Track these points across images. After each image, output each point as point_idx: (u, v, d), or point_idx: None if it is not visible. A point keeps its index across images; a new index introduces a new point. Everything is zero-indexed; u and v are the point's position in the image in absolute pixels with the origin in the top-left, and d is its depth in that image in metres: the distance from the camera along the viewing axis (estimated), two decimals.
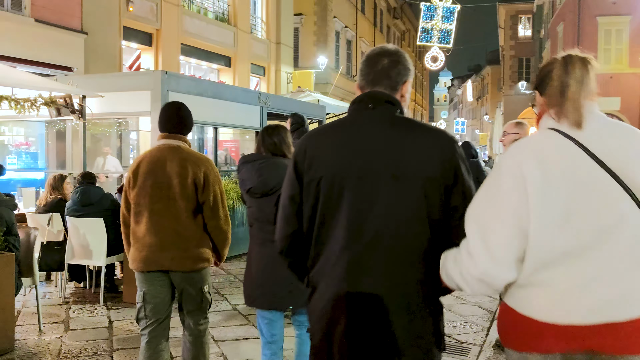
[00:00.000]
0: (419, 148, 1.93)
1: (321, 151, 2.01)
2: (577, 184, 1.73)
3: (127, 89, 8.34)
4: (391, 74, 2.08)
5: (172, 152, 3.42)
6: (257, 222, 3.45)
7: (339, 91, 31.78)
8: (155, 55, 17.56)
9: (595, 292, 1.72)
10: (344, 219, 1.92)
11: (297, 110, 12.48)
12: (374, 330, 1.88)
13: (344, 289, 1.90)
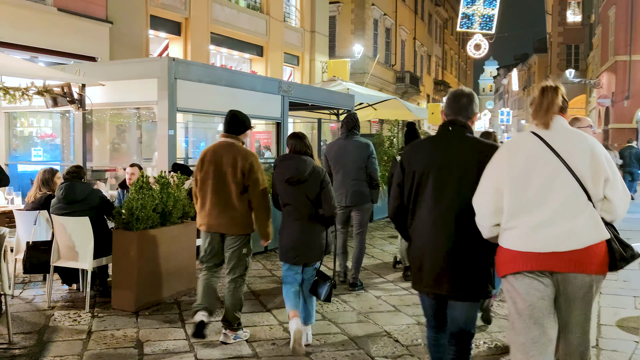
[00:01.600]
0: (475, 152, 3.09)
1: (418, 154, 3.24)
2: (534, 161, 2.78)
3: (133, 77, 7.86)
4: (467, 109, 3.25)
5: (228, 147, 4.72)
6: (292, 204, 4.58)
7: (377, 80, 30.93)
8: (184, 45, 17.17)
9: (545, 232, 2.70)
10: (429, 194, 3.11)
11: (323, 100, 11.87)
12: (446, 263, 3.05)
13: (429, 238, 3.10)
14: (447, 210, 3.05)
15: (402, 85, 35.16)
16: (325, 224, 4.63)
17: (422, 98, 42.07)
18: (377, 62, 31.70)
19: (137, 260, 5.37)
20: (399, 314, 5.55)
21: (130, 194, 5.46)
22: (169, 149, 7.59)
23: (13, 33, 11.44)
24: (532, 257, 2.71)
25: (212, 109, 8.55)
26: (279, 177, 4.58)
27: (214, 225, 4.70)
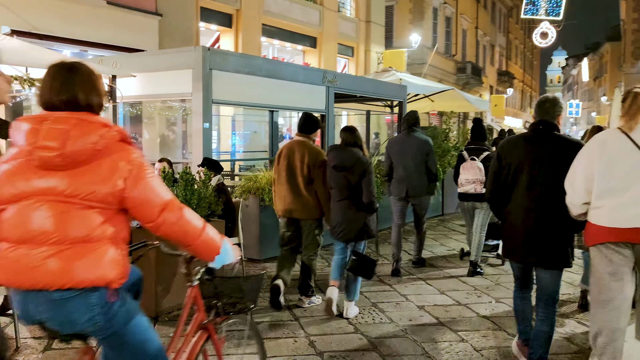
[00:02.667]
0: (561, 148, 3.75)
1: (513, 149, 3.91)
2: (620, 154, 3.35)
3: (168, 68, 7.57)
4: (551, 111, 3.90)
5: (300, 144, 5.47)
6: (336, 187, 5.26)
7: (436, 71, 29.94)
8: (235, 37, 16.94)
9: (627, 211, 3.29)
10: (523, 183, 3.80)
11: (372, 91, 11.28)
12: (535, 239, 3.78)
13: (521, 219, 3.81)
14: (537, 196, 3.77)
15: (463, 76, 33.97)
16: (365, 209, 5.21)
17: (485, 89, 40.59)
18: (437, 52, 30.68)
19: (157, 262, 5.03)
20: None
21: None
22: (204, 142, 7.26)
23: (64, 27, 11.47)
24: (617, 231, 3.31)
25: (251, 101, 8.16)
26: (329, 163, 5.31)
27: (287, 210, 5.51)
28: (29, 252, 2.04)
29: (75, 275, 2.03)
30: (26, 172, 2.07)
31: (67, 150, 2.03)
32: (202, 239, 2.30)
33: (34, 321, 2.16)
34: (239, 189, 7.31)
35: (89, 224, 2.06)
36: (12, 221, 2.08)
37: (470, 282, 6.53)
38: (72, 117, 2.10)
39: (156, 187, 2.18)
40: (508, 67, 50.78)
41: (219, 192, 6.26)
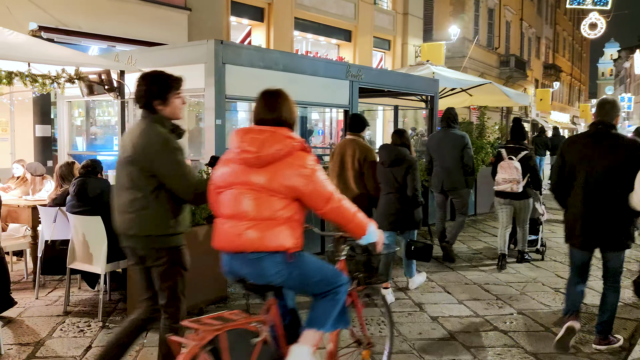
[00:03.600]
0: (617, 146, 4.19)
1: (574, 146, 4.41)
2: None
3: (181, 62, 7.31)
4: (610, 113, 4.31)
5: (351, 142, 5.90)
6: (383, 182, 5.75)
7: (478, 65, 29.09)
8: (267, 31, 16.70)
9: None
10: (582, 177, 4.26)
11: (400, 85, 10.82)
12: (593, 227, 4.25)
13: (581, 209, 4.28)
14: (595, 189, 4.20)
15: (507, 70, 32.92)
16: (409, 202, 5.75)
17: (530, 83, 39.30)
18: (479, 45, 29.80)
19: None
20: None
21: None
22: (216, 140, 6.99)
23: (92, 23, 11.46)
24: None
25: None
26: (379, 160, 5.90)
27: None
28: (235, 224, 2.78)
29: (265, 242, 2.73)
30: (237, 169, 2.83)
31: (262, 153, 2.76)
32: (355, 222, 2.96)
33: (238, 276, 2.91)
34: None
35: (273, 207, 2.76)
36: (225, 202, 2.85)
37: (493, 290, 6.09)
38: (267, 130, 2.82)
39: (324, 185, 2.82)
40: (555, 60, 49.05)
41: None
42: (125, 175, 3.19)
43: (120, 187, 3.25)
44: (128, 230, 3.24)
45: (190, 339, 2.50)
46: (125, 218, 3.22)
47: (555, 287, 6.23)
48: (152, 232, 3.20)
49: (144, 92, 3.25)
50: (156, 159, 3.11)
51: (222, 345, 2.55)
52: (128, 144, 3.20)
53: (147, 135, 3.15)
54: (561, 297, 5.88)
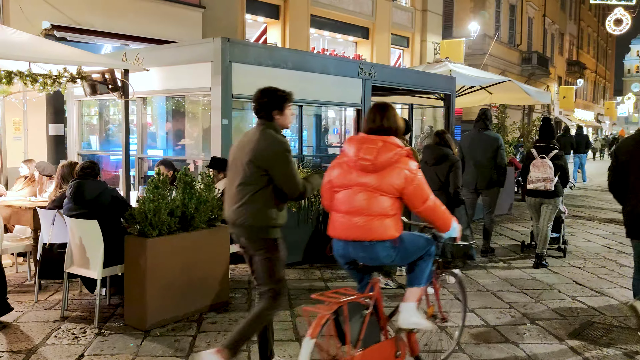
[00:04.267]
0: None
1: (623, 147, 4.74)
2: None
3: (187, 61, 7.19)
4: None
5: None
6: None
7: (499, 62, 28.61)
8: (283, 29, 16.53)
9: None
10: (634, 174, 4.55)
11: (415, 83, 10.56)
12: None
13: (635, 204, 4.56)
14: None
15: (529, 67, 32.32)
16: (452, 199, 6.06)
17: (553, 80, 38.57)
18: (500, 42, 29.28)
19: (149, 271, 4.64)
20: None
21: (146, 195, 4.74)
22: (222, 140, 6.84)
23: (105, 21, 11.40)
24: None
25: None
26: (422, 159, 6.26)
27: None
28: (351, 219, 3.35)
29: (378, 232, 3.32)
30: (352, 172, 3.39)
31: (377, 161, 3.32)
32: (443, 220, 3.50)
33: (350, 259, 3.53)
34: None
35: (383, 205, 3.33)
36: (343, 199, 3.40)
37: (507, 297, 5.83)
38: (380, 140, 3.37)
39: (423, 187, 3.38)
40: (579, 56, 48.10)
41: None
42: (240, 171, 3.64)
43: (233, 182, 3.71)
44: (236, 220, 3.67)
45: (321, 309, 3.14)
46: (235, 209, 3.65)
47: (573, 295, 5.96)
48: (257, 223, 3.62)
49: (265, 103, 3.71)
50: (272, 160, 3.57)
51: (344, 314, 3.21)
52: (246, 145, 3.65)
53: (266, 139, 3.60)
54: (578, 306, 5.61)
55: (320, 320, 3.10)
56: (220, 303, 5.28)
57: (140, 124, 8.11)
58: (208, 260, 5.15)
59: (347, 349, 3.19)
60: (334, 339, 3.21)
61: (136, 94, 7.93)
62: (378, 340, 3.50)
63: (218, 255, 5.25)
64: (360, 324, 3.31)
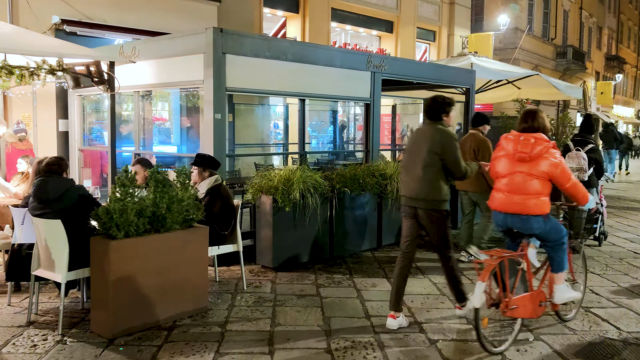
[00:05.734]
0: None
1: None
2: None
3: (180, 53, 6.88)
4: None
5: (470, 136, 7.22)
6: None
7: (531, 56, 27.66)
8: (302, 23, 16.15)
9: None
10: None
11: (431, 76, 10.04)
12: None
13: None
14: None
15: (563, 62, 31.21)
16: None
17: (589, 75, 37.22)
18: (533, 35, 28.34)
19: (114, 275, 4.33)
20: None
21: (112, 194, 4.43)
22: (214, 136, 6.51)
23: (118, 15, 11.22)
24: None
25: (275, 88, 7.31)
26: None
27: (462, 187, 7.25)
28: (512, 197, 4.35)
29: (534, 208, 4.29)
30: (513, 162, 4.36)
31: (532, 153, 4.26)
32: (582, 194, 4.45)
33: (507, 227, 4.49)
34: (252, 187, 6.51)
35: (536, 187, 4.29)
36: (505, 182, 4.41)
37: None
38: (532, 136, 4.32)
39: (566, 170, 4.30)
40: (618, 51, 46.35)
41: (214, 195, 5.48)
42: (421, 158, 4.65)
43: (413, 166, 4.72)
44: (417, 195, 4.68)
45: (487, 261, 4.17)
46: (417, 186, 4.67)
47: (587, 307, 5.42)
48: (434, 197, 4.63)
49: (436, 108, 4.74)
50: (446, 148, 4.59)
51: (505, 267, 4.20)
52: (423, 138, 4.70)
53: (440, 133, 4.65)
54: (592, 318, 5.09)
55: (489, 268, 4.10)
56: (198, 309, 4.94)
57: (138, 119, 7.84)
58: (183, 264, 4.81)
59: (505, 294, 4.20)
60: (495, 285, 4.24)
61: (130, 88, 7.72)
62: (527, 291, 4.43)
63: (195, 258, 4.91)
64: (515, 276, 4.29)
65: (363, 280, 6.11)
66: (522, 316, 4.39)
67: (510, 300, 4.18)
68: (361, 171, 7.30)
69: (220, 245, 5.52)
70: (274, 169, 6.82)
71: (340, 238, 7.10)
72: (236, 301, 5.32)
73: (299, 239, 6.63)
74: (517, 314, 4.31)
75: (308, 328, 4.68)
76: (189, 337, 4.44)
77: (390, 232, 7.82)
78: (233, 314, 4.97)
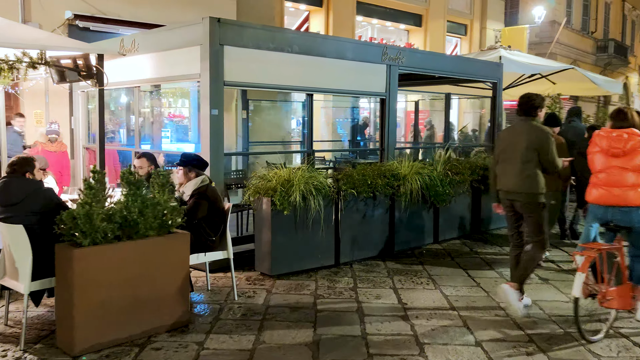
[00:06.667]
0: None
1: None
2: None
3: (177, 45, 6.46)
4: None
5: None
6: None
7: (569, 50, 26.52)
8: (326, 17, 15.67)
9: None
10: None
11: (453, 69, 9.38)
12: None
13: None
14: None
15: (604, 56, 29.87)
16: None
17: (633, 70, 35.65)
18: (571, 29, 27.19)
19: (78, 286, 3.92)
20: None
21: (81, 198, 4.03)
22: (210, 133, 6.09)
23: (133, 10, 10.97)
24: None
25: (279, 82, 6.84)
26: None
27: None
28: (612, 189, 4.62)
29: (632, 200, 4.56)
30: (607, 157, 4.68)
31: (625, 148, 4.59)
32: None
33: (605, 220, 4.72)
34: (250, 188, 6.05)
35: (632, 179, 4.57)
36: (603, 177, 4.68)
37: (530, 327, 4.74)
38: (624, 132, 4.64)
39: None
40: None
41: (199, 197, 5.05)
42: (518, 153, 4.94)
43: (510, 161, 5.00)
44: (518, 189, 4.96)
45: (587, 253, 4.41)
46: (517, 180, 4.95)
47: (616, 327, 4.79)
48: (533, 190, 4.90)
49: (532, 104, 5.01)
50: (544, 144, 4.87)
51: (603, 258, 4.42)
52: (520, 135, 4.99)
53: (536, 130, 4.94)
54: (620, 343, 4.46)
55: (588, 260, 4.35)
56: (178, 323, 4.51)
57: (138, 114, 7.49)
58: (160, 274, 4.39)
59: (602, 285, 4.43)
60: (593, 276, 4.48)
61: (129, 84, 7.37)
62: (621, 283, 4.60)
63: (174, 267, 4.48)
64: (611, 268, 4.48)
65: (367, 291, 5.59)
66: (617, 307, 4.58)
67: (607, 292, 4.42)
68: (371, 171, 6.76)
69: (207, 251, 5.08)
70: (279, 168, 6.32)
71: (346, 244, 6.59)
72: (223, 313, 4.87)
73: (301, 244, 6.15)
74: (612, 305, 4.52)
75: (294, 347, 4.20)
76: (162, 355, 4.01)
77: (403, 237, 7.26)
78: (216, 329, 4.53)
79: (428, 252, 7.28)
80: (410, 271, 6.36)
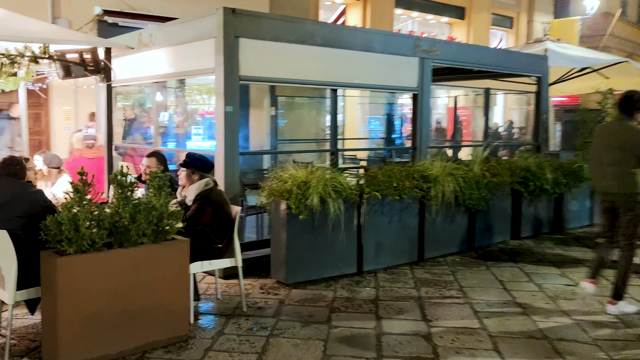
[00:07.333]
0: None
1: None
2: None
3: (192, 39, 6.12)
4: None
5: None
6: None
7: (624, 44, 25.12)
8: (364, 10, 15.17)
9: None
10: None
11: (493, 62, 8.74)
12: None
13: None
14: None
15: None
16: None
17: None
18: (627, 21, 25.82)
19: (63, 297, 3.61)
20: None
21: (67, 202, 3.72)
22: (225, 131, 5.73)
23: (162, 5, 10.78)
24: None
25: (300, 77, 6.41)
26: None
27: None
28: None
29: None
30: None
31: None
32: None
33: None
34: (265, 190, 5.66)
35: None
36: None
37: (567, 349, 4.19)
38: None
39: None
40: None
41: (203, 202, 4.68)
42: (613, 154, 4.88)
43: (605, 162, 4.94)
44: (611, 189, 4.93)
45: None
46: (612, 182, 4.91)
47: None
48: (629, 190, 4.82)
49: (632, 104, 4.90)
50: (635, 144, 4.77)
51: None
52: (613, 135, 4.94)
53: (630, 131, 4.85)
54: None
55: None
56: (175, 338, 4.16)
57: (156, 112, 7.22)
58: (156, 284, 4.04)
59: None
60: None
61: (146, 79, 7.10)
62: None
63: (171, 277, 4.12)
64: None
65: (389, 304, 5.11)
66: None
67: None
68: (398, 172, 6.27)
69: (212, 259, 4.70)
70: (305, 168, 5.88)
71: (370, 250, 6.12)
72: (227, 327, 4.50)
73: (320, 251, 5.72)
74: None
75: None
76: None
77: (434, 243, 6.73)
78: (217, 345, 4.15)
79: (461, 261, 6.74)
80: (440, 282, 5.85)
